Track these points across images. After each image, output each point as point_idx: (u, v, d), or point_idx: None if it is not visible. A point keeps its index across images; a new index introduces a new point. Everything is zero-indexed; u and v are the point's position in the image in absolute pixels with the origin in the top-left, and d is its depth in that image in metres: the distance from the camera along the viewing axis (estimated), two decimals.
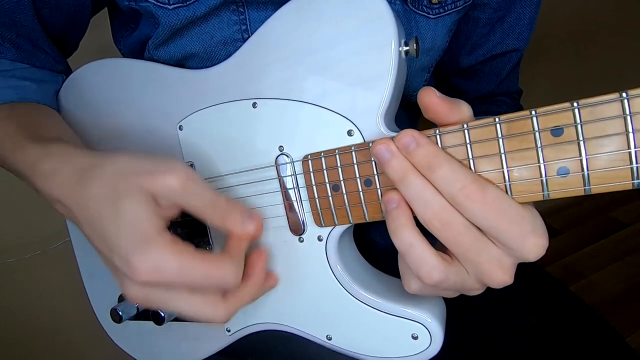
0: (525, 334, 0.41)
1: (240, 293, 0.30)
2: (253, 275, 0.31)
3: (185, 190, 0.27)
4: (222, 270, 0.27)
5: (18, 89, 0.38)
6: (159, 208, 0.27)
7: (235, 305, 0.30)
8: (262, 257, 0.32)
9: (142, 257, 0.25)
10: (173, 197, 0.27)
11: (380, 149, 0.26)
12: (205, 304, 0.28)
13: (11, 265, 0.80)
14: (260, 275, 0.31)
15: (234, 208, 0.29)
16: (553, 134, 0.23)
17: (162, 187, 0.26)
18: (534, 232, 0.24)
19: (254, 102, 0.33)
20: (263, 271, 0.32)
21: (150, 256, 0.25)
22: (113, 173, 0.27)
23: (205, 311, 0.28)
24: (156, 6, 0.35)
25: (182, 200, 0.27)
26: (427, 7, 0.39)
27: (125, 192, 0.26)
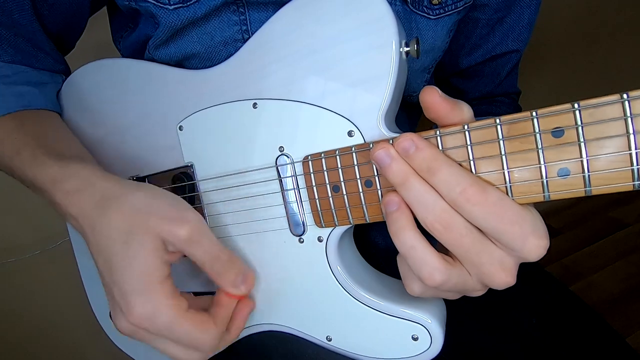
0: (525, 334, 0.41)
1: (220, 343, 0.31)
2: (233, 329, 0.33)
3: (193, 242, 0.28)
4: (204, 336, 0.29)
5: (22, 97, 0.38)
6: (166, 253, 0.28)
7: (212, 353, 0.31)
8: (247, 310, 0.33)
9: (141, 303, 0.27)
10: (180, 246, 0.28)
11: (380, 153, 0.26)
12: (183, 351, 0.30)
13: (11, 265, 0.80)
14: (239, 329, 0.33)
15: (232, 267, 0.30)
16: (554, 135, 0.23)
17: (173, 236, 0.28)
18: (534, 232, 0.24)
19: (254, 103, 0.33)
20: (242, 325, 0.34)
21: (148, 305, 0.27)
22: (131, 209, 0.28)
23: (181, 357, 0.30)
24: (156, 6, 0.35)
25: (188, 250, 0.29)
26: (427, 8, 0.39)
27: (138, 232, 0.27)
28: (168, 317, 0.27)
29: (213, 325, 0.30)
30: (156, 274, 0.27)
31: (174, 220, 0.28)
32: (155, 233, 0.27)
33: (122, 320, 0.28)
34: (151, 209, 0.28)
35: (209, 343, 0.29)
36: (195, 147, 0.37)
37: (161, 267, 0.28)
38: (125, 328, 0.29)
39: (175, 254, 0.30)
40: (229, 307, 0.32)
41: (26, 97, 0.39)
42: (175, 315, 0.28)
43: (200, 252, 0.29)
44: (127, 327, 0.29)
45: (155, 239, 0.27)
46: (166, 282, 0.28)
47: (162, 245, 0.28)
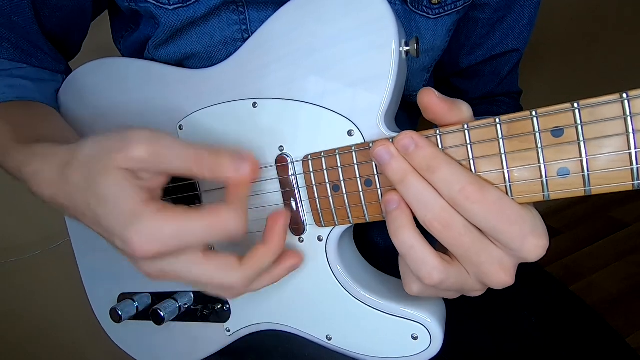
0: (525, 334, 0.41)
1: (256, 255, 0.28)
2: (270, 236, 0.29)
3: (156, 156, 0.25)
4: (221, 218, 0.25)
5: (15, 88, 0.38)
6: (140, 181, 0.26)
7: (252, 268, 0.28)
8: (281, 217, 0.29)
9: (135, 232, 0.24)
10: (148, 167, 0.25)
11: (379, 150, 0.26)
12: (220, 267, 0.27)
13: (11, 265, 0.80)
14: (278, 236, 0.29)
15: (221, 154, 0.26)
16: (553, 135, 0.23)
17: (131, 161, 0.25)
18: (534, 232, 0.24)
19: (254, 102, 0.33)
20: (282, 232, 0.29)
21: (142, 228, 0.24)
22: (84, 159, 0.26)
23: (220, 275, 0.27)
24: (156, 7, 0.35)
25: (160, 167, 0.25)
26: (427, 8, 0.39)
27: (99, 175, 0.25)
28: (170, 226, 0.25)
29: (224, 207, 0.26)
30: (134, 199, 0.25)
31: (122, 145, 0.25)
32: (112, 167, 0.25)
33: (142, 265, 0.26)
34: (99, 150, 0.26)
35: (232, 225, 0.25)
36: None
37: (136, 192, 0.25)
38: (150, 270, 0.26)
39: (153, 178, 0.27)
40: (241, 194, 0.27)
41: (20, 89, 0.38)
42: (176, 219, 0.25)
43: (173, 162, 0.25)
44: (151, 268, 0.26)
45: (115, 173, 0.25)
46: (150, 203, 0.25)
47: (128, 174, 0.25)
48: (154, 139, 0.25)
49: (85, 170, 0.26)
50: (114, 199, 0.25)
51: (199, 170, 0.26)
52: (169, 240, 0.25)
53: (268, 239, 0.29)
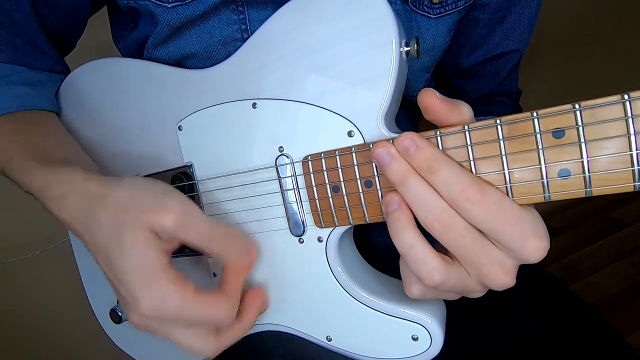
0: (525, 334, 0.40)
1: (232, 331, 0.31)
2: (247, 314, 0.32)
3: (181, 227, 0.27)
4: (218, 311, 0.28)
5: (18, 97, 0.38)
6: (161, 242, 0.28)
7: (227, 342, 0.31)
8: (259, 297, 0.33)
9: (146, 294, 0.27)
10: (170, 234, 0.28)
11: (380, 152, 0.26)
12: (198, 338, 0.30)
13: (11, 265, 0.80)
14: (254, 314, 0.33)
15: (232, 242, 0.30)
16: (554, 136, 0.23)
17: (159, 226, 0.27)
18: (534, 233, 0.24)
19: (254, 103, 0.33)
20: (258, 310, 0.33)
21: (154, 294, 0.27)
22: (116, 205, 0.28)
23: (197, 345, 0.30)
24: (155, 5, 0.35)
25: (180, 237, 0.28)
26: (427, 7, 0.39)
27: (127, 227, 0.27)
28: (176, 301, 0.27)
29: (224, 300, 0.29)
30: (155, 263, 0.27)
31: (156, 210, 0.27)
32: (142, 225, 0.27)
33: (132, 315, 0.28)
34: (134, 202, 0.28)
35: (223, 317, 0.29)
36: (194, 147, 0.37)
37: (158, 256, 0.27)
38: (137, 321, 0.29)
39: (171, 242, 0.29)
40: (238, 284, 0.31)
41: (23, 97, 0.38)
42: (183, 298, 0.27)
43: (193, 236, 0.28)
44: (139, 321, 0.29)
45: (144, 231, 0.27)
46: (168, 269, 0.28)
47: (153, 235, 0.27)
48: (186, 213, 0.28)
49: (115, 216, 0.28)
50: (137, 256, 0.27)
51: (208, 248, 0.29)
52: (170, 312, 0.27)
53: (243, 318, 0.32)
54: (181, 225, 0.27)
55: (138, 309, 0.27)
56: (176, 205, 0.28)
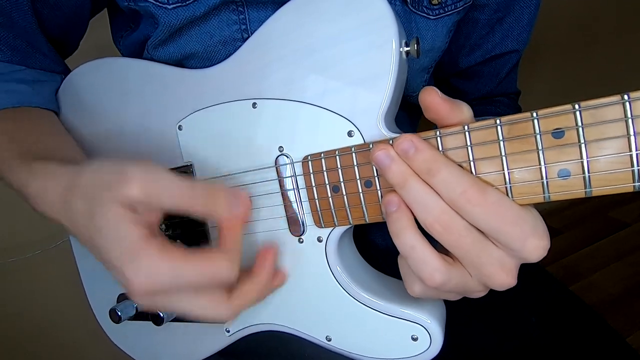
0: (525, 334, 0.41)
1: (244, 290, 0.30)
2: (259, 273, 0.30)
3: (150, 194, 0.26)
4: (215, 265, 0.26)
5: (12, 94, 0.38)
6: (138, 215, 0.26)
7: (240, 303, 0.29)
8: (270, 255, 0.31)
9: (133, 270, 0.25)
10: (143, 204, 0.26)
11: (379, 154, 0.26)
12: (209, 303, 0.28)
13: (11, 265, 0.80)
14: (266, 273, 0.31)
15: (216, 194, 0.27)
16: (554, 136, 0.23)
17: (127, 198, 0.25)
18: (534, 233, 0.24)
19: (254, 102, 0.33)
20: (270, 268, 0.31)
21: (141, 267, 0.25)
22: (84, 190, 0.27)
23: (209, 310, 0.28)
24: (155, 6, 0.35)
25: (154, 204, 0.26)
26: (427, 8, 0.39)
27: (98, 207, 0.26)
28: (166, 269, 0.25)
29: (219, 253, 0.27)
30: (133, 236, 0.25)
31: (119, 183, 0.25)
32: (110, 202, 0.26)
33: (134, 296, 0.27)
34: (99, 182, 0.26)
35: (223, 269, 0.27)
36: (194, 146, 0.37)
37: (135, 229, 0.26)
38: (141, 301, 0.28)
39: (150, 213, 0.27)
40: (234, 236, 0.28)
41: (18, 95, 0.38)
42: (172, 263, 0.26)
43: (167, 200, 0.26)
44: (141, 300, 0.27)
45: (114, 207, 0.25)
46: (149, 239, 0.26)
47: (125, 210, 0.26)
48: (149, 177, 0.26)
49: (86, 199, 0.27)
50: (114, 234, 0.26)
51: (191, 208, 0.27)
52: (163, 280, 0.26)
53: (257, 273, 0.30)
54: (149, 190, 0.25)
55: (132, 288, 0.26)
56: (137, 172, 0.26)
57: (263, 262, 0.31)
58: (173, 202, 0.26)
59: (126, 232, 0.25)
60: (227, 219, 0.28)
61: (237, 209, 0.28)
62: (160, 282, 0.26)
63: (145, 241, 0.26)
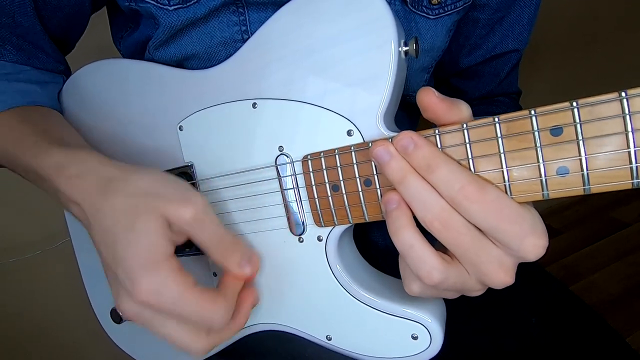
0: (525, 334, 0.41)
1: (223, 332, 0.31)
2: (239, 316, 0.32)
3: (197, 224, 0.28)
4: (214, 311, 0.28)
5: (25, 94, 0.38)
6: (170, 233, 0.28)
7: (216, 342, 0.30)
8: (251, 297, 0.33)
9: (147, 278, 0.26)
10: (184, 227, 0.28)
11: (379, 150, 0.26)
12: (189, 335, 0.29)
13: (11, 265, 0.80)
14: (246, 314, 0.32)
15: (236, 249, 0.30)
16: (552, 134, 0.23)
17: (177, 217, 0.27)
18: (533, 232, 0.24)
19: (254, 103, 0.33)
20: (249, 312, 0.33)
21: (155, 279, 0.26)
22: (136, 190, 0.28)
23: (187, 342, 0.29)
24: (156, 7, 0.35)
25: (192, 231, 0.28)
26: (426, 8, 0.39)
27: (143, 212, 0.27)
28: (175, 291, 0.27)
29: (222, 300, 0.29)
30: (161, 250, 0.27)
31: (179, 201, 0.27)
32: (159, 213, 0.27)
33: (127, 301, 0.28)
34: (156, 191, 0.28)
35: (218, 318, 0.28)
36: (195, 147, 0.37)
37: (166, 244, 0.27)
38: (130, 309, 0.28)
39: (179, 235, 0.29)
40: (235, 289, 0.31)
41: (30, 94, 0.39)
42: (183, 289, 0.27)
43: (204, 234, 0.28)
44: (132, 308, 0.28)
45: (159, 219, 0.27)
46: (171, 259, 0.27)
47: (166, 225, 0.27)
48: (206, 212, 0.28)
49: (131, 201, 0.28)
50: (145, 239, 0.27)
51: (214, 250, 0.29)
52: (167, 301, 0.27)
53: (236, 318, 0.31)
54: (198, 220, 0.28)
55: (135, 293, 0.26)
56: (199, 201, 0.28)
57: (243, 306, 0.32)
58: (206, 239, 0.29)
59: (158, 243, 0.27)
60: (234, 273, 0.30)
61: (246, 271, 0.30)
62: (162, 301, 0.27)
63: (167, 258, 0.27)
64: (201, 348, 0.30)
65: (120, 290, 0.28)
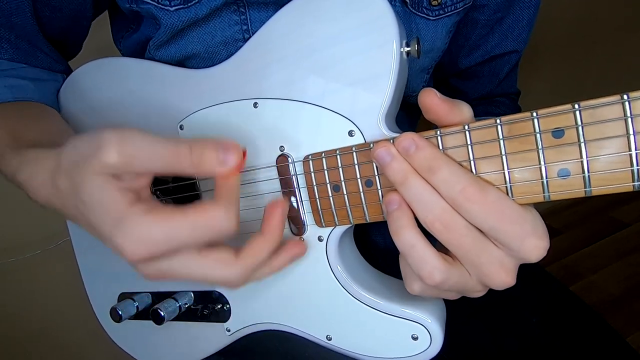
0: (525, 334, 0.41)
1: (253, 247, 0.28)
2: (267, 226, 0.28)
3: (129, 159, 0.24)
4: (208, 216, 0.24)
5: (14, 88, 0.38)
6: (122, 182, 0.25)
7: (250, 262, 0.27)
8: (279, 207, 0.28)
9: (122, 237, 0.24)
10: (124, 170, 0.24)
11: (380, 152, 0.26)
12: (216, 263, 0.26)
13: (11, 265, 0.80)
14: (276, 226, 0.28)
15: (203, 148, 0.25)
16: (554, 136, 0.23)
17: (105, 166, 0.24)
18: (534, 233, 0.24)
19: (255, 102, 0.33)
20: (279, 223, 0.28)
21: (130, 232, 0.24)
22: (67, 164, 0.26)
23: (217, 271, 0.26)
24: (157, 8, 0.35)
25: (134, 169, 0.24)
26: (426, 9, 0.39)
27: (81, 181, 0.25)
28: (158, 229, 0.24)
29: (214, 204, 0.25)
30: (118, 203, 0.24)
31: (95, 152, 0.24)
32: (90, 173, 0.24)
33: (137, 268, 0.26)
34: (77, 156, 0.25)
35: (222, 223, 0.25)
36: None
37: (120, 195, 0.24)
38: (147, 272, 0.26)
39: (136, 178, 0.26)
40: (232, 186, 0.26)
41: (18, 89, 0.38)
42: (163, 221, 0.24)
43: (149, 163, 0.24)
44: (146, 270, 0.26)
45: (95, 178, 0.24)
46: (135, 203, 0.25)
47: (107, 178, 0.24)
48: (124, 141, 0.24)
49: (69, 176, 0.26)
50: (99, 204, 0.25)
51: (180, 167, 0.25)
52: (158, 242, 0.24)
53: (265, 230, 0.28)
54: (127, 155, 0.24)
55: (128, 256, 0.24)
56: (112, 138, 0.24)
57: (270, 217, 0.28)
58: (156, 164, 0.24)
59: (109, 199, 0.24)
60: (220, 172, 0.25)
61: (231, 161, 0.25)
62: (154, 244, 0.24)
63: (130, 206, 0.24)
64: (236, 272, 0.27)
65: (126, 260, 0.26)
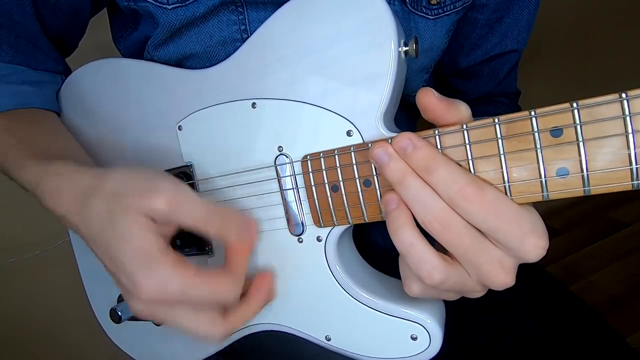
0: (525, 334, 0.40)
1: (240, 312, 0.31)
2: (256, 296, 0.32)
3: (174, 209, 0.27)
4: (222, 288, 0.28)
5: (16, 95, 0.38)
6: (156, 226, 0.27)
7: (235, 323, 0.30)
8: (267, 280, 0.33)
9: (146, 277, 0.26)
10: (164, 217, 0.27)
11: (378, 152, 0.26)
12: (206, 321, 0.29)
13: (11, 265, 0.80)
14: (262, 296, 0.32)
15: (229, 219, 0.29)
16: (552, 135, 0.23)
17: (152, 209, 0.27)
18: (533, 232, 0.24)
19: (253, 102, 0.33)
20: (266, 293, 0.33)
21: (154, 276, 0.26)
22: (108, 194, 0.28)
23: (204, 328, 0.29)
24: (155, 6, 0.35)
25: (174, 220, 0.27)
26: (426, 8, 0.39)
27: (120, 214, 0.27)
28: (177, 282, 0.26)
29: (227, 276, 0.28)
30: (152, 246, 0.27)
31: (148, 193, 0.27)
32: (135, 210, 0.27)
33: (136, 302, 0.28)
34: (126, 189, 0.27)
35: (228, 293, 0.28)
36: (194, 146, 0.37)
37: (155, 239, 0.27)
38: (142, 309, 0.28)
39: (168, 226, 0.29)
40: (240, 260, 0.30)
41: (21, 96, 0.39)
42: (185, 278, 0.27)
43: (187, 216, 0.27)
44: (144, 308, 0.28)
45: (138, 216, 0.27)
46: (166, 252, 0.27)
47: (147, 220, 0.27)
48: (177, 193, 0.27)
49: (110, 204, 0.27)
50: (133, 240, 0.27)
51: (205, 229, 0.28)
52: (173, 293, 0.27)
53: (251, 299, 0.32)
54: (174, 207, 0.27)
55: (140, 294, 0.26)
56: (168, 187, 0.27)
57: (259, 287, 0.32)
58: (192, 221, 0.28)
59: (145, 241, 0.27)
60: (236, 243, 0.30)
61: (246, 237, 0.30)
62: (169, 293, 0.27)
63: (162, 252, 0.27)
64: (221, 332, 0.29)
65: (129, 294, 0.28)
